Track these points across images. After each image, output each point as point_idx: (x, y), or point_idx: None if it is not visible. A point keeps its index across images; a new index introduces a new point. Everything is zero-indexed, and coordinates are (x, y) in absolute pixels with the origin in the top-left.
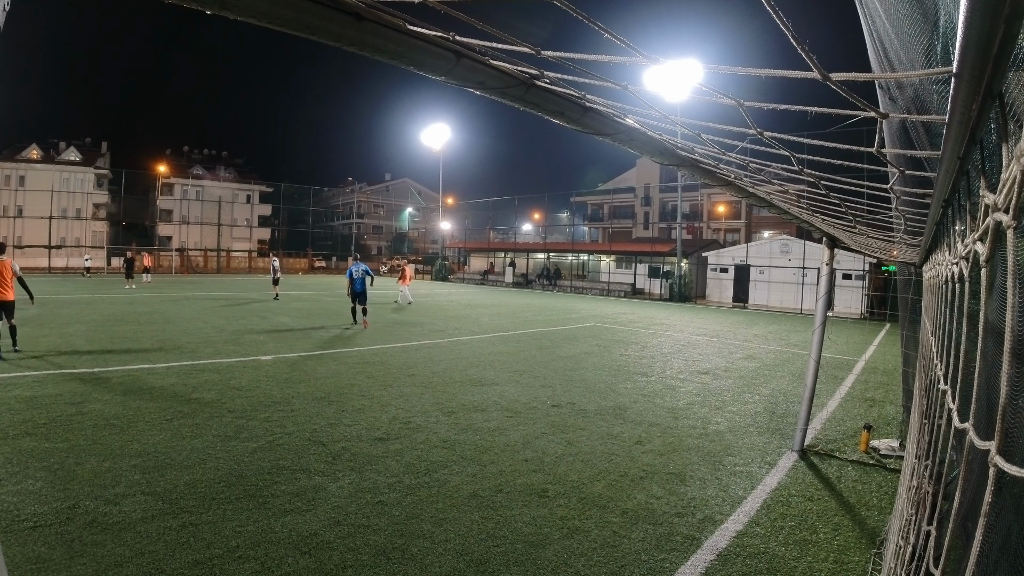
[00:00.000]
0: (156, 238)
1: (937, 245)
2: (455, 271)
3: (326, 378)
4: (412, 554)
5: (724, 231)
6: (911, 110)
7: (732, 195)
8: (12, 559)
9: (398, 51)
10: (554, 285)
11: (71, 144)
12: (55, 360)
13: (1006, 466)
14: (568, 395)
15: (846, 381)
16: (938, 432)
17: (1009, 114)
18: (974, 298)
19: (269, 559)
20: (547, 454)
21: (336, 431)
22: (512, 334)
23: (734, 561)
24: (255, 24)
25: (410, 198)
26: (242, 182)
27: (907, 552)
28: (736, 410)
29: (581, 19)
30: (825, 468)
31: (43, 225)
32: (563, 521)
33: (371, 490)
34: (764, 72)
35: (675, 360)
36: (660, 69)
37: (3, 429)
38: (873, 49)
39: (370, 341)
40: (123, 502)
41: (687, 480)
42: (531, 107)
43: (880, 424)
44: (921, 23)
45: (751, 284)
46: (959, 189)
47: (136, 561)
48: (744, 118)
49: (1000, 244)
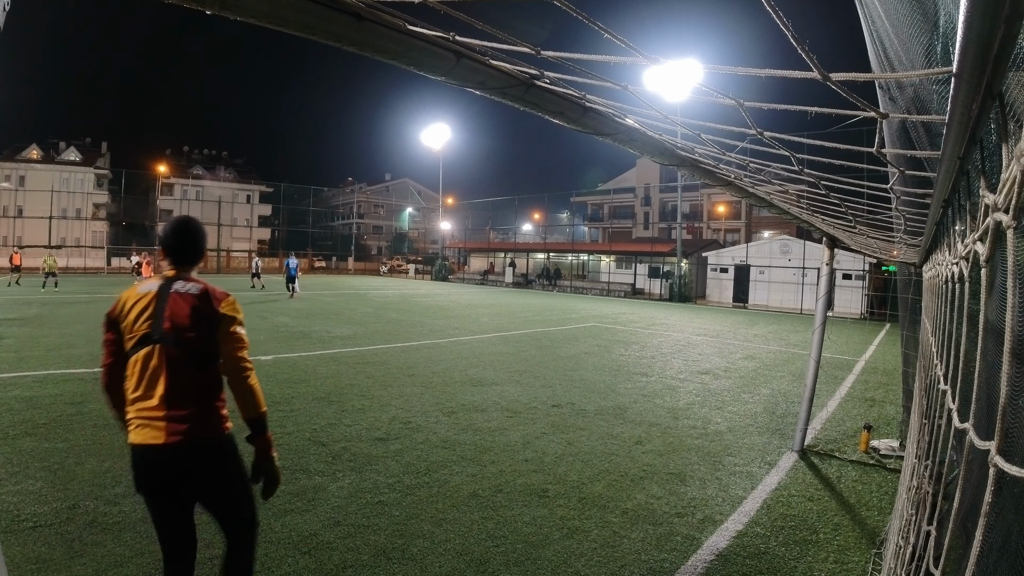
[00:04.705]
0: (156, 238)
1: (937, 245)
2: (455, 271)
3: (326, 378)
4: (412, 554)
5: (724, 231)
6: (911, 110)
7: (732, 195)
8: (12, 559)
9: (398, 51)
10: (554, 285)
11: (71, 144)
12: (55, 360)
13: (1006, 466)
14: (568, 395)
15: (846, 381)
16: (938, 432)
17: (1009, 114)
18: (974, 298)
19: (269, 559)
20: (547, 454)
21: (336, 431)
22: (512, 334)
23: (734, 561)
24: (255, 24)
25: (410, 198)
26: (242, 182)
27: (907, 552)
28: (736, 410)
29: (581, 19)
30: (825, 468)
31: (43, 225)
32: (563, 521)
33: (371, 490)
34: (764, 72)
35: (675, 360)
36: (660, 69)
37: (3, 429)
38: (873, 49)
39: (370, 341)
40: (123, 502)
41: (687, 480)
42: (531, 107)
43: (880, 424)
44: (921, 23)
45: (751, 284)
46: (959, 189)
47: (136, 561)
48: (744, 118)
49: (1000, 244)
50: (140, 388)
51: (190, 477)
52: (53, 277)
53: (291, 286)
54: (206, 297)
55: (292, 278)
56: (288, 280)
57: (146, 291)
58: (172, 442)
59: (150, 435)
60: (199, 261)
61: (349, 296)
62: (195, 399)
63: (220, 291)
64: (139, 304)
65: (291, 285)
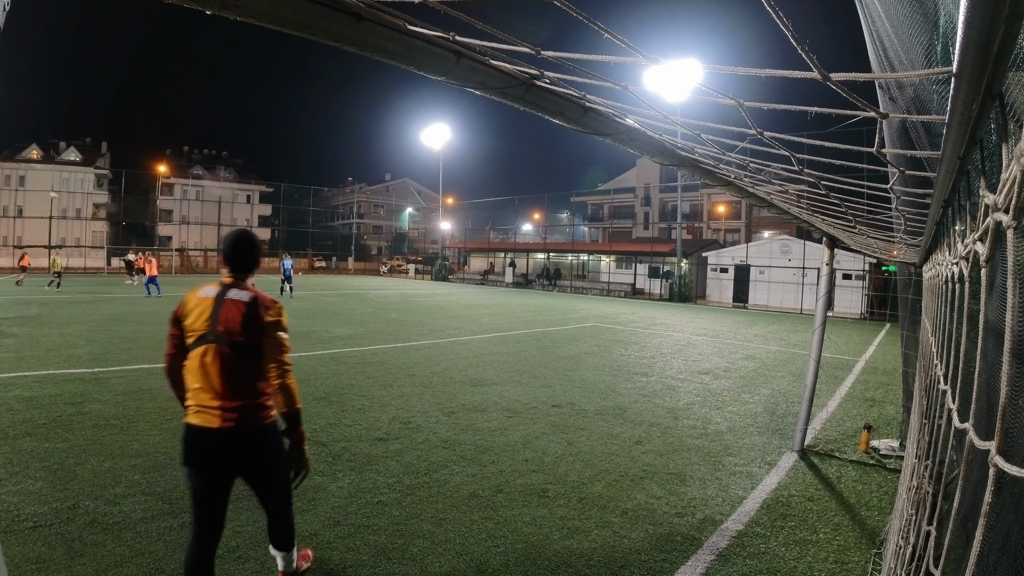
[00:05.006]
0: (156, 238)
1: (937, 245)
2: (455, 271)
3: (326, 378)
4: (412, 554)
5: (724, 231)
6: (911, 110)
7: (732, 195)
8: (12, 559)
9: (398, 51)
10: (554, 285)
11: (71, 144)
12: (55, 360)
13: (1006, 466)
14: (568, 395)
15: (846, 381)
16: (938, 432)
17: (1009, 114)
18: (974, 298)
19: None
20: (547, 454)
21: (336, 431)
22: (512, 334)
23: (734, 561)
24: (255, 24)
25: (410, 198)
26: (242, 182)
27: (907, 552)
28: (736, 410)
29: (581, 19)
30: (825, 468)
31: (43, 225)
32: (563, 521)
33: (371, 490)
34: (764, 72)
35: (675, 360)
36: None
37: (3, 429)
38: (873, 49)
39: (370, 341)
40: (123, 502)
41: (687, 480)
42: (531, 107)
43: (880, 424)
44: (921, 23)
45: (751, 284)
46: (959, 189)
47: (136, 561)
48: (744, 118)
49: (1000, 244)
50: (198, 380)
51: (236, 458)
52: (58, 277)
53: (287, 286)
54: (255, 304)
55: (287, 278)
56: (283, 280)
57: (206, 296)
58: (225, 427)
59: (206, 420)
60: (254, 270)
61: (349, 296)
62: (245, 392)
63: (268, 298)
64: (199, 306)
65: (287, 285)
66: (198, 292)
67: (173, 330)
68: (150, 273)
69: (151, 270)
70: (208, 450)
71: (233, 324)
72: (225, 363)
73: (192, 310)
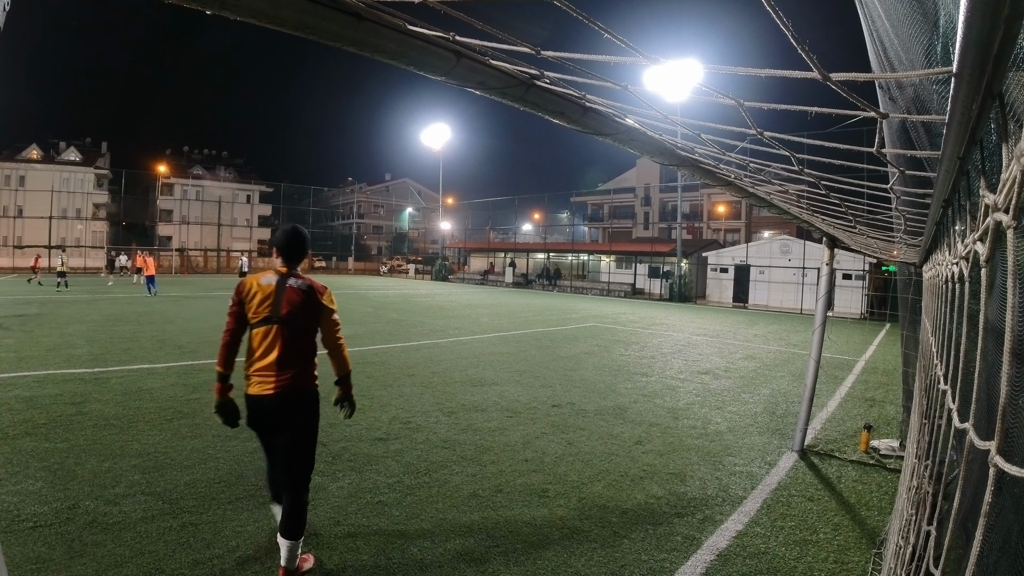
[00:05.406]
0: (156, 238)
1: (937, 245)
2: (455, 271)
3: (326, 378)
4: (412, 554)
5: (724, 231)
6: (911, 110)
7: (732, 195)
8: (12, 559)
9: (398, 51)
10: (554, 285)
11: (71, 144)
12: (55, 360)
13: (1006, 466)
14: (568, 395)
15: (846, 381)
16: (938, 432)
17: (1009, 114)
18: (974, 298)
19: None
20: (547, 454)
21: (336, 431)
22: (512, 334)
23: (734, 561)
24: (255, 24)
25: (410, 198)
26: (242, 182)
27: (907, 552)
28: (736, 410)
29: (581, 19)
30: (825, 468)
31: (43, 225)
32: (563, 521)
33: (371, 490)
34: (764, 72)
35: (675, 360)
36: (660, 69)
37: (3, 429)
38: (873, 49)
39: (370, 341)
40: (123, 502)
41: (687, 480)
42: (531, 107)
43: (880, 424)
44: (921, 23)
45: (751, 284)
46: (959, 189)
47: (136, 561)
48: (744, 118)
49: (1000, 244)
50: (259, 353)
51: (284, 415)
52: (62, 277)
53: None
54: (311, 291)
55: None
56: None
57: (267, 283)
58: (278, 392)
59: (264, 388)
60: (303, 259)
61: (349, 296)
62: (297, 363)
63: (320, 285)
64: (262, 292)
65: None
66: (259, 279)
67: (234, 308)
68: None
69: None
70: (265, 413)
71: (294, 308)
72: (285, 341)
73: (256, 295)
